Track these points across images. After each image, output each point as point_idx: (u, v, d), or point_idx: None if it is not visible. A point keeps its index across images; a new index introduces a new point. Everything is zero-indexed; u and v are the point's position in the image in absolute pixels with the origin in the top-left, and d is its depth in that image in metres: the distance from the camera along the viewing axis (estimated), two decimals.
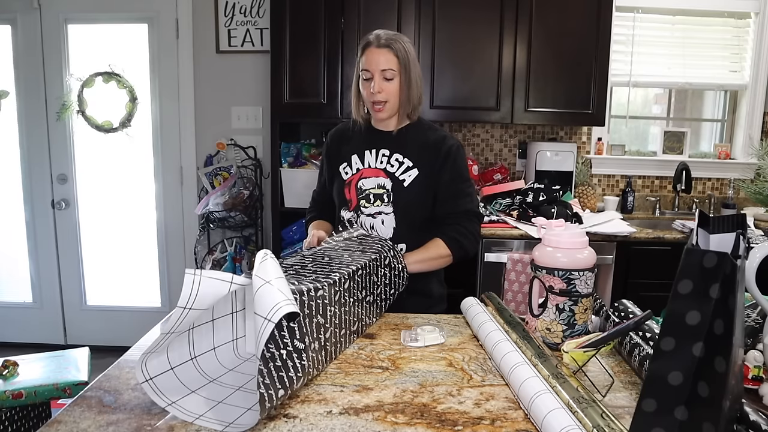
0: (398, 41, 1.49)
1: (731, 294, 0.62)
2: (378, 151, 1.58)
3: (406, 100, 1.53)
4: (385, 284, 1.35)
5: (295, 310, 0.80)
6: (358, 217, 1.57)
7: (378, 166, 1.57)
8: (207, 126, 3.14)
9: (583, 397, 0.81)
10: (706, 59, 3.09)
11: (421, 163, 1.55)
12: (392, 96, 1.50)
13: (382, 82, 1.48)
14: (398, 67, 1.48)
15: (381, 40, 1.48)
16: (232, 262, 3.02)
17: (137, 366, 0.85)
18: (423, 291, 1.59)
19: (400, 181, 1.55)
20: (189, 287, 0.80)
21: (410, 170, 1.55)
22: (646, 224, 2.86)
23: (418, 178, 1.54)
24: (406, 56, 1.49)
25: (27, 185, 3.25)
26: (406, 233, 1.55)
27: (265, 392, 0.80)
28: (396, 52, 1.48)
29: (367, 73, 1.49)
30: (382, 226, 1.56)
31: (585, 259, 1.11)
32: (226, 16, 3.03)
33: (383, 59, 1.47)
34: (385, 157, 1.57)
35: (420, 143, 1.56)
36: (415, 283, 1.53)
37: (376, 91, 1.48)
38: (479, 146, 3.14)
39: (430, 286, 1.63)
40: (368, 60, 1.48)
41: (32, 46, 3.09)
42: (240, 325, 1.07)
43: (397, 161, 1.56)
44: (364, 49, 1.50)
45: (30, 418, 2.13)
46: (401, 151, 1.56)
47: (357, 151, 1.60)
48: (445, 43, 2.69)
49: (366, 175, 1.57)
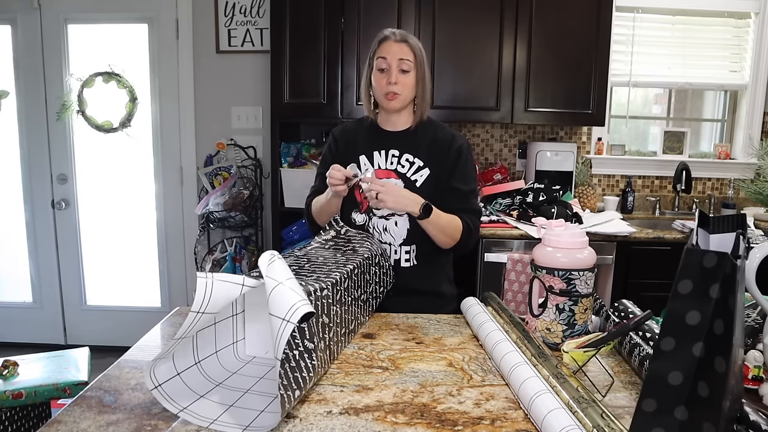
0: (413, 39, 1.53)
1: (731, 294, 0.62)
2: (387, 151, 1.57)
3: (421, 96, 1.54)
4: (376, 282, 1.36)
5: (311, 311, 0.80)
6: (369, 219, 1.56)
7: (389, 167, 1.56)
8: (207, 126, 3.14)
9: (583, 397, 0.81)
10: (706, 59, 3.09)
11: (431, 162, 1.54)
12: (407, 89, 1.51)
13: (398, 74, 1.49)
14: (414, 61, 1.50)
15: (398, 35, 1.51)
16: (232, 262, 3.02)
17: (146, 373, 0.85)
18: (434, 291, 1.60)
19: (413, 182, 1.54)
20: (202, 292, 0.80)
21: (422, 170, 1.54)
22: (646, 224, 2.86)
23: (429, 178, 1.54)
24: (421, 53, 1.52)
25: (27, 185, 3.25)
26: (419, 234, 1.53)
27: (284, 393, 0.80)
28: (412, 47, 1.50)
29: (383, 62, 1.49)
30: (395, 228, 1.55)
31: (585, 259, 1.11)
32: (226, 16, 3.03)
33: (401, 51, 1.49)
34: (395, 157, 1.56)
35: (429, 142, 1.56)
36: (426, 284, 1.55)
37: (394, 81, 1.48)
38: (479, 146, 3.14)
39: (440, 286, 1.63)
40: (386, 50, 1.49)
41: (32, 46, 3.09)
42: (240, 327, 1.07)
43: (408, 161, 1.55)
44: (380, 42, 1.52)
45: (30, 418, 2.13)
46: (411, 150, 1.55)
47: (365, 152, 1.58)
48: (445, 44, 2.69)
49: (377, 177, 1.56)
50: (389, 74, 1.48)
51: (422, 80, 1.52)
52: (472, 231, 1.54)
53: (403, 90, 1.50)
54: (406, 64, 1.49)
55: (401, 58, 1.48)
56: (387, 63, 1.49)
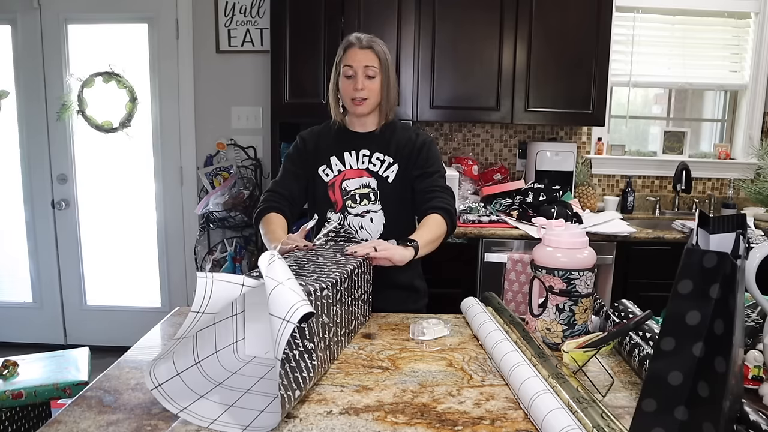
0: (378, 44, 1.56)
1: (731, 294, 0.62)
2: (358, 152, 1.62)
3: (386, 99, 1.59)
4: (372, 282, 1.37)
5: (311, 311, 0.80)
6: (345, 218, 1.60)
7: (360, 167, 1.61)
8: (207, 126, 3.14)
9: (583, 397, 0.81)
10: (706, 59, 3.09)
11: (399, 158, 1.60)
12: (373, 93, 1.56)
13: (364, 80, 1.54)
14: (379, 66, 1.55)
15: (363, 41, 1.54)
16: (232, 262, 3.02)
17: (146, 373, 0.85)
18: (408, 285, 1.65)
19: (384, 178, 1.60)
20: (202, 292, 0.80)
21: (392, 166, 1.60)
22: (646, 224, 2.86)
23: (399, 173, 1.60)
24: (386, 58, 1.57)
25: (27, 185, 3.25)
26: (395, 228, 1.59)
27: (285, 393, 0.80)
28: (377, 53, 1.55)
29: (349, 70, 1.54)
30: (371, 224, 1.60)
31: (585, 259, 1.11)
32: (226, 16, 3.03)
33: (366, 58, 1.53)
34: (366, 157, 1.61)
35: (397, 140, 1.62)
36: (399, 278, 1.57)
37: (360, 88, 1.53)
38: (479, 146, 3.14)
39: (413, 280, 1.67)
40: (351, 57, 1.54)
41: (32, 46, 3.09)
42: (240, 327, 1.07)
43: (379, 159, 1.61)
44: (345, 49, 1.56)
45: (30, 418, 2.13)
46: (381, 149, 1.61)
47: (335, 153, 1.63)
48: (445, 44, 2.69)
49: (349, 176, 1.61)
50: (355, 81, 1.53)
51: (387, 84, 1.57)
52: (450, 210, 1.55)
53: (370, 95, 1.55)
54: (372, 70, 1.54)
55: (366, 65, 1.53)
56: (353, 70, 1.53)
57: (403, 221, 1.63)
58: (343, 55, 1.56)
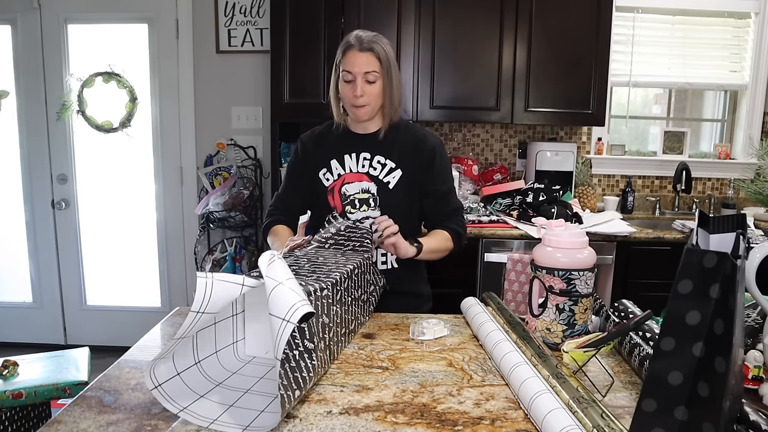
0: (379, 43, 1.47)
1: (731, 294, 0.62)
2: (358, 154, 1.56)
3: (389, 102, 1.51)
4: (375, 282, 1.37)
5: (311, 311, 0.80)
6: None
7: (360, 170, 1.55)
8: (207, 126, 3.14)
9: (583, 397, 0.81)
10: (706, 59, 3.09)
11: (403, 164, 1.54)
12: (374, 99, 1.49)
13: (364, 85, 1.46)
14: (380, 69, 1.47)
15: (363, 43, 1.45)
16: (232, 262, 3.02)
17: (146, 373, 0.85)
18: (413, 292, 1.63)
19: (385, 183, 1.54)
20: (202, 291, 0.80)
21: (393, 171, 1.54)
22: (646, 224, 2.86)
23: (402, 179, 1.54)
24: (388, 59, 1.48)
25: (27, 185, 3.25)
26: None
27: (284, 393, 0.80)
28: (378, 54, 1.46)
29: (348, 75, 1.46)
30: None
31: (585, 259, 1.11)
32: (226, 16, 3.03)
33: (366, 62, 1.45)
34: (366, 160, 1.55)
35: (401, 143, 1.55)
36: (406, 285, 1.57)
37: (359, 95, 1.46)
38: (479, 146, 3.14)
39: (419, 286, 1.66)
40: (350, 62, 1.46)
41: (32, 46, 3.09)
42: (240, 327, 1.07)
43: (380, 163, 1.55)
44: (345, 51, 1.47)
45: (30, 418, 2.13)
46: (383, 152, 1.55)
47: (336, 155, 1.57)
48: (445, 43, 2.69)
49: (348, 180, 1.55)
50: (355, 87, 1.46)
51: (389, 86, 1.49)
52: (461, 233, 1.57)
53: (370, 100, 1.48)
54: (372, 75, 1.46)
55: (366, 71, 1.45)
56: (352, 75, 1.46)
57: (405, 227, 1.55)
58: (343, 57, 1.47)
